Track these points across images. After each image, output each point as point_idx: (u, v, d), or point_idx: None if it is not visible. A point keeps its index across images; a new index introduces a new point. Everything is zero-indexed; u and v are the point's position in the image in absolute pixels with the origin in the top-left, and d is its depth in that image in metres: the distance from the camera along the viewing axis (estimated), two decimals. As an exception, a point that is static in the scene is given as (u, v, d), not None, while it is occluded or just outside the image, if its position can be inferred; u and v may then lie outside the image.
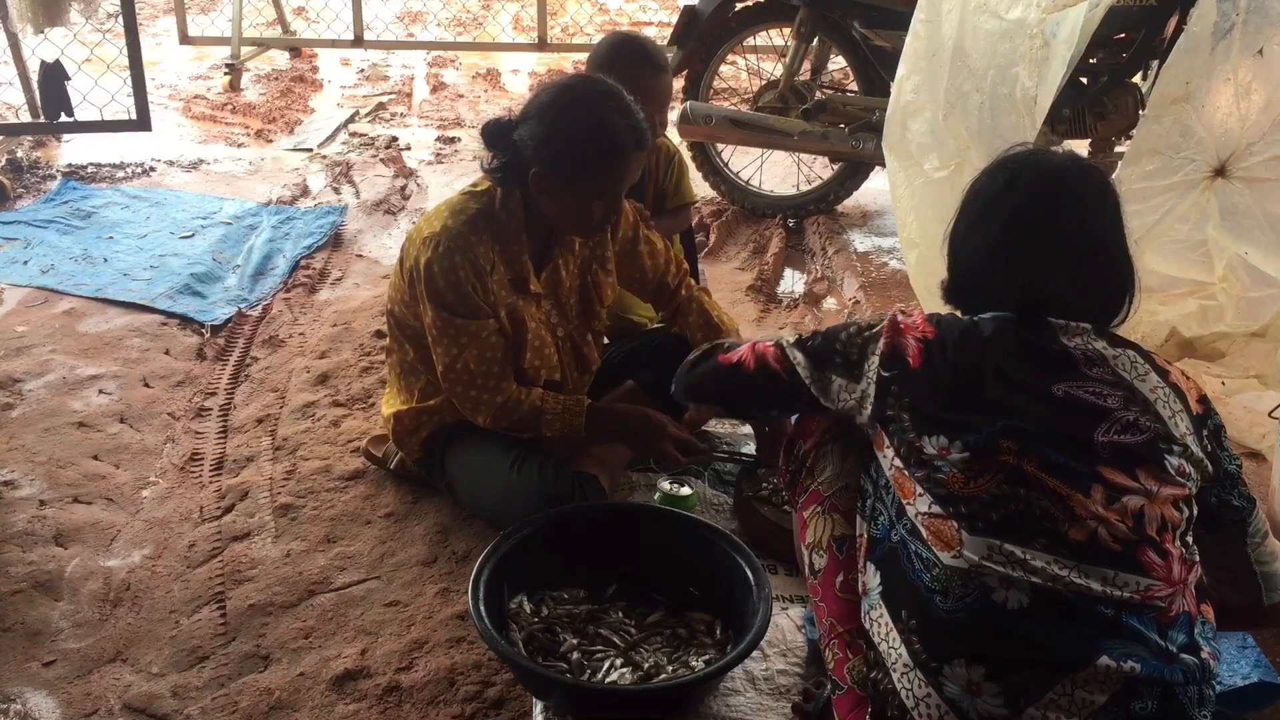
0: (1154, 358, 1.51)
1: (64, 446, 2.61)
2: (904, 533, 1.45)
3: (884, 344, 1.54)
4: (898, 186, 2.98)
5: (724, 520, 2.25)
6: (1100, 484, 1.38)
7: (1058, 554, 1.35)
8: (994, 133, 2.65)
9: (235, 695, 1.90)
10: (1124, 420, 1.42)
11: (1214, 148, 2.42)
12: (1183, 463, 1.42)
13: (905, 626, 1.41)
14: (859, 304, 3.53)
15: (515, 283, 2.17)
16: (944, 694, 1.34)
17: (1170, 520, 1.39)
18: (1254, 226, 2.45)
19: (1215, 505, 1.51)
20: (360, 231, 4.11)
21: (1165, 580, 1.36)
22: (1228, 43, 2.36)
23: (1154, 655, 1.33)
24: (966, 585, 1.36)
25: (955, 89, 2.75)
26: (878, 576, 1.48)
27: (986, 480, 1.38)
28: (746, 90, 4.55)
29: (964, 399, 1.44)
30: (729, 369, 1.75)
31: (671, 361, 2.46)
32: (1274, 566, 1.59)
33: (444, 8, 7.53)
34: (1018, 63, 2.56)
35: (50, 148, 4.83)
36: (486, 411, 2.15)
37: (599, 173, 2.04)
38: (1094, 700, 1.31)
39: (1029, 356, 1.47)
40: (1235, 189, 2.43)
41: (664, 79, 2.58)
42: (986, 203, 1.58)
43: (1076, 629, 1.33)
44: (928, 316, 1.55)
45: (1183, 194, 2.46)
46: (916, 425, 1.46)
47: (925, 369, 1.48)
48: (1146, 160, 2.47)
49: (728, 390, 1.79)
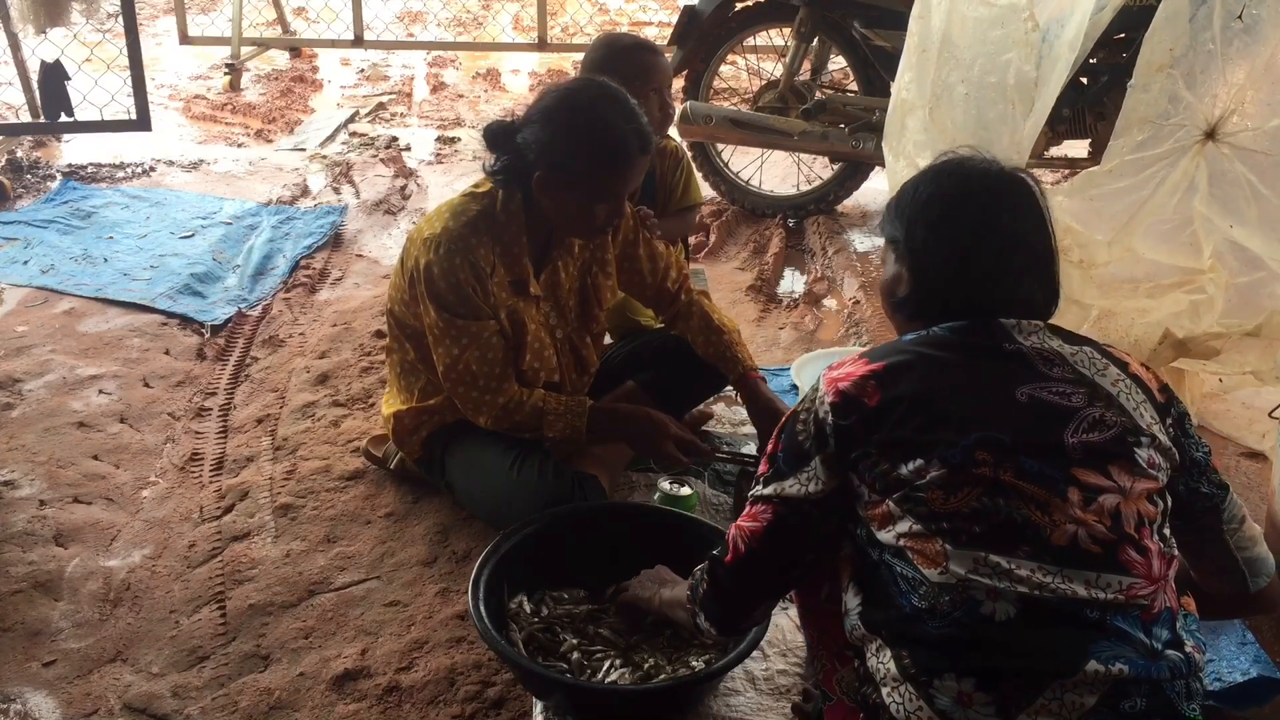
0: (1110, 351, 1.51)
1: (64, 446, 2.61)
2: (888, 556, 1.44)
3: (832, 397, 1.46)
4: (897, 186, 2.97)
5: (724, 520, 2.25)
6: (1075, 486, 1.38)
7: (1041, 561, 1.35)
8: (979, 124, 2.62)
9: (235, 695, 1.90)
10: (1090, 418, 1.41)
11: (1202, 112, 2.40)
12: (1152, 454, 1.42)
13: (891, 641, 1.41)
14: (859, 304, 3.53)
15: (515, 284, 2.17)
16: (935, 706, 1.35)
17: (1146, 515, 1.39)
18: (1240, 197, 2.42)
19: (1185, 494, 1.50)
20: (360, 231, 4.11)
21: (1146, 578, 1.37)
22: (1208, 7, 2.35)
23: (1141, 655, 1.34)
24: (954, 601, 1.36)
25: (941, 81, 2.72)
26: (858, 599, 1.48)
27: (965, 494, 1.38)
28: (746, 90, 4.55)
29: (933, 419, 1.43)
30: (744, 563, 1.54)
31: (672, 362, 2.49)
32: (1255, 551, 1.58)
33: (444, 8, 7.53)
34: (1009, 49, 2.54)
35: (50, 148, 4.83)
36: (488, 412, 2.15)
37: (603, 176, 2.04)
38: (1084, 703, 1.31)
39: (988, 363, 1.46)
40: (1225, 154, 2.40)
41: (660, 59, 2.58)
42: (944, 209, 1.55)
43: (1064, 636, 1.33)
44: (862, 357, 1.50)
45: (1174, 161, 2.43)
46: (888, 457, 1.42)
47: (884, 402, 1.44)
48: (1137, 130, 2.43)
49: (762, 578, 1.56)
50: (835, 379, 1.48)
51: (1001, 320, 1.49)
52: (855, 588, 1.49)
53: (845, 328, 3.43)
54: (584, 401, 2.22)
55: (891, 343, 1.55)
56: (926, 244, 1.56)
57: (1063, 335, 1.50)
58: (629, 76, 2.35)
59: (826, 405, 1.47)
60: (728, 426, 2.67)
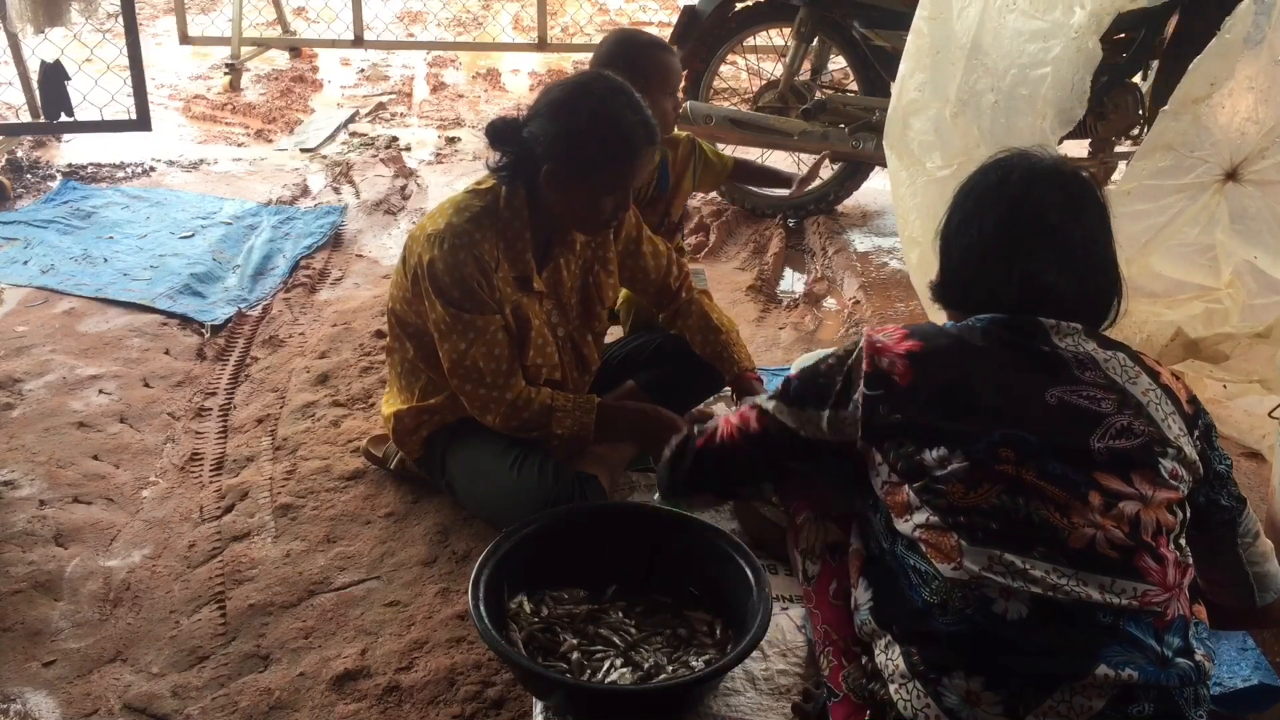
0: (1143, 359, 1.51)
1: (64, 446, 2.61)
2: (901, 548, 1.44)
3: (866, 365, 1.50)
4: (899, 185, 2.97)
5: (724, 520, 2.25)
6: (1097, 490, 1.38)
7: (1056, 563, 1.35)
8: (1007, 133, 2.64)
9: (235, 695, 1.90)
10: (1118, 425, 1.41)
11: (1228, 150, 2.43)
12: (1176, 465, 1.42)
13: (901, 638, 1.41)
14: (859, 304, 3.53)
15: (519, 281, 2.17)
16: (943, 704, 1.34)
17: (1165, 524, 1.39)
18: (1264, 230, 2.46)
19: (1204, 505, 1.51)
20: (360, 231, 4.11)
21: (1161, 585, 1.37)
22: (1256, 51, 2.38)
23: (1151, 661, 1.34)
24: (967, 597, 1.36)
25: (969, 87, 2.73)
26: (869, 594, 1.48)
27: (986, 490, 1.38)
28: (746, 90, 4.55)
29: (961, 409, 1.43)
30: (710, 452, 1.67)
31: (672, 361, 2.50)
32: (1265, 567, 1.59)
33: (444, 8, 7.52)
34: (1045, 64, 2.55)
35: (50, 148, 4.83)
36: (496, 410, 2.15)
37: (612, 168, 2.05)
38: (1092, 706, 1.31)
39: (1021, 361, 1.46)
40: (1246, 192, 2.44)
41: (671, 59, 2.58)
42: (979, 198, 1.57)
43: (1076, 638, 1.33)
44: (906, 331, 1.52)
45: (1193, 196, 2.46)
46: (915, 439, 1.44)
47: (916, 384, 1.46)
48: (1160, 156, 2.46)
49: (714, 472, 1.70)
50: (874, 347, 1.51)
51: (1041, 320, 1.49)
52: (866, 583, 1.49)
53: (845, 328, 3.43)
54: (592, 399, 2.22)
55: (934, 325, 1.57)
56: (957, 233, 1.58)
57: (1098, 339, 1.50)
58: (646, 76, 2.35)
59: (861, 371, 1.50)
60: (728, 426, 2.66)
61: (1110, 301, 1.55)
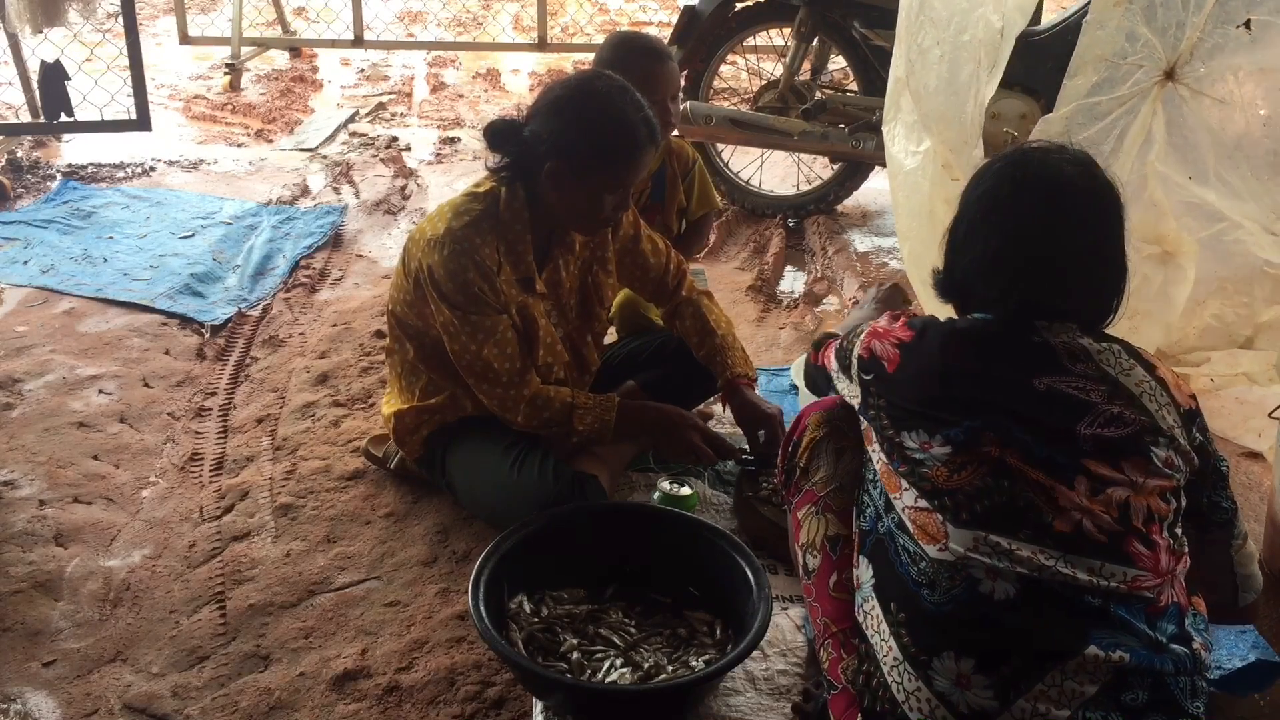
0: (1140, 352, 1.52)
1: (64, 446, 2.61)
2: (892, 526, 1.46)
3: (861, 348, 1.60)
4: (892, 180, 2.97)
5: (724, 520, 2.25)
6: (1084, 476, 1.38)
7: (1043, 544, 1.35)
8: (951, 88, 2.55)
9: (235, 695, 1.90)
10: (1107, 414, 1.42)
11: (1161, 50, 2.28)
12: (1170, 454, 1.43)
13: (894, 620, 1.41)
14: (859, 304, 3.53)
15: (522, 282, 2.17)
16: (934, 687, 1.35)
17: (1157, 511, 1.40)
18: (1197, 144, 2.32)
19: (1207, 507, 1.52)
20: (360, 231, 4.11)
21: (1152, 571, 1.37)
22: None
23: (1143, 645, 1.34)
24: (954, 577, 1.37)
25: (917, 46, 2.65)
26: (870, 569, 1.49)
27: (970, 473, 1.39)
28: (746, 90, 4.55)
29: (942, 397, 1.46)
30: (815, 367, 1.91)
31: (672, 362, 2.50)
32: (1250, 569, 1.64)
33: (444, 8, 7.52)
34: (984, 2, 2.48)
35: (50, 148, 4.83)
36: (516, 408, 2.15)
37: (614, 165, 2.05)
38: (1084, 691, 1.31)
39: (1012, 351, 1.48)
40: (1183, 96, 2.30)
41: (669, 66, 2.58)
42: (990, 209, 1.56)
43: (1064, 619, 1.34)
44: (908, 320, 1.57)
45: (1134, 108, 2.32)
46: (895, 421, 1.49)
47: (901, 372, 1.52)
48: (1092, 70, 2.33)
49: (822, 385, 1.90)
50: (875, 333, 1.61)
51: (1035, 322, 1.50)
52: (866, 560, 1.51)
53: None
54: (612, 397, 2.24)
55: (934, 317, 1.58)
56: (963, 243, 1.59)
57: (1093, 334, 1.51)
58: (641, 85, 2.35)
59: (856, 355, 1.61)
60: (728, 426, 2.66)
61: (1110, 302, 1.56)
